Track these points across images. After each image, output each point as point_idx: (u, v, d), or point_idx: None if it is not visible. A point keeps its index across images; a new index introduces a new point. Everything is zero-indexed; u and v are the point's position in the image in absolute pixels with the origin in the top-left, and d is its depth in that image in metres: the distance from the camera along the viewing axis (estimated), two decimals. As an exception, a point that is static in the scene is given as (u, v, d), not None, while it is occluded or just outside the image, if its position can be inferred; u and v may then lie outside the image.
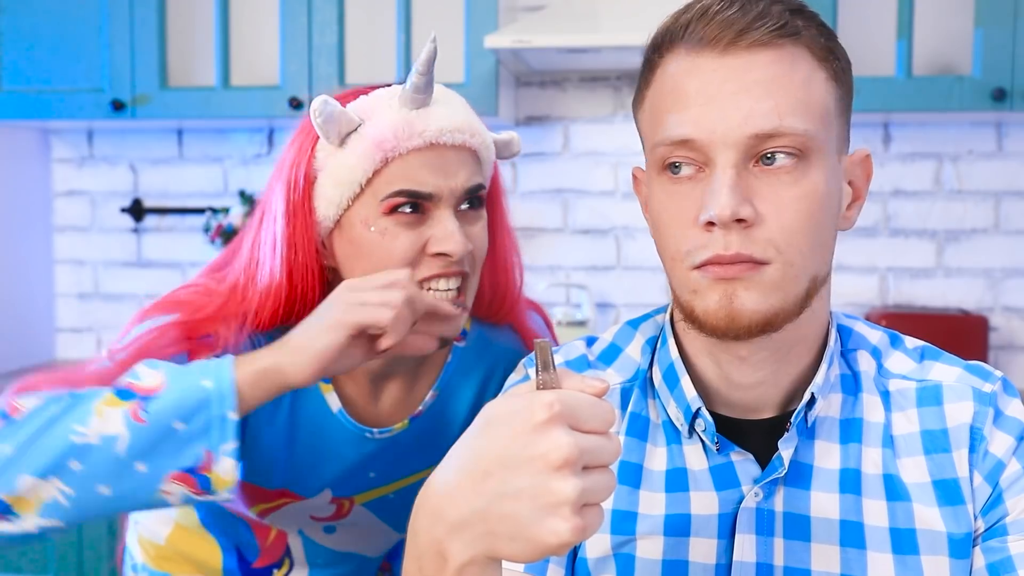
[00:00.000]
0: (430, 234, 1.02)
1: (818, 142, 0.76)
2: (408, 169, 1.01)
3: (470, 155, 1.04)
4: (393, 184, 1.01)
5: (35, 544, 2.13)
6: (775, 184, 0.75)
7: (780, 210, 0.75)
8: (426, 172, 1.01)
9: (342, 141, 1.01)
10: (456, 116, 1.03)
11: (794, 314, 0.77)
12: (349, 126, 1.01)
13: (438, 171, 1.01)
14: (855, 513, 0.80)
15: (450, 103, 1.04)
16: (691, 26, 0.76)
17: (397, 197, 1.00)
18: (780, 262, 0.75)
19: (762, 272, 0.75)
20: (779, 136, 0.74)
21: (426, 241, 1.02)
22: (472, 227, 1.05)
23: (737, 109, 0.74)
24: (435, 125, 1.01)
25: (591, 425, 0.58)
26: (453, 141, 1.02)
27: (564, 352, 0.92)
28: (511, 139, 1.12)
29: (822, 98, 0.77)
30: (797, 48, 0.76)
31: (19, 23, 2.33)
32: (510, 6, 2.40)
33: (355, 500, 1.18)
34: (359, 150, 1.00)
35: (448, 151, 1.02)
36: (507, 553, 0.57)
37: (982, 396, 0.82)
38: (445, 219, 1.02)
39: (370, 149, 1.00)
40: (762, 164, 0.75)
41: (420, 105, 1.01)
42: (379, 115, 1.01)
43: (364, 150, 1.00)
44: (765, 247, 0.75)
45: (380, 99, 1.03)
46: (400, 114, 1.01)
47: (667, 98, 0.77)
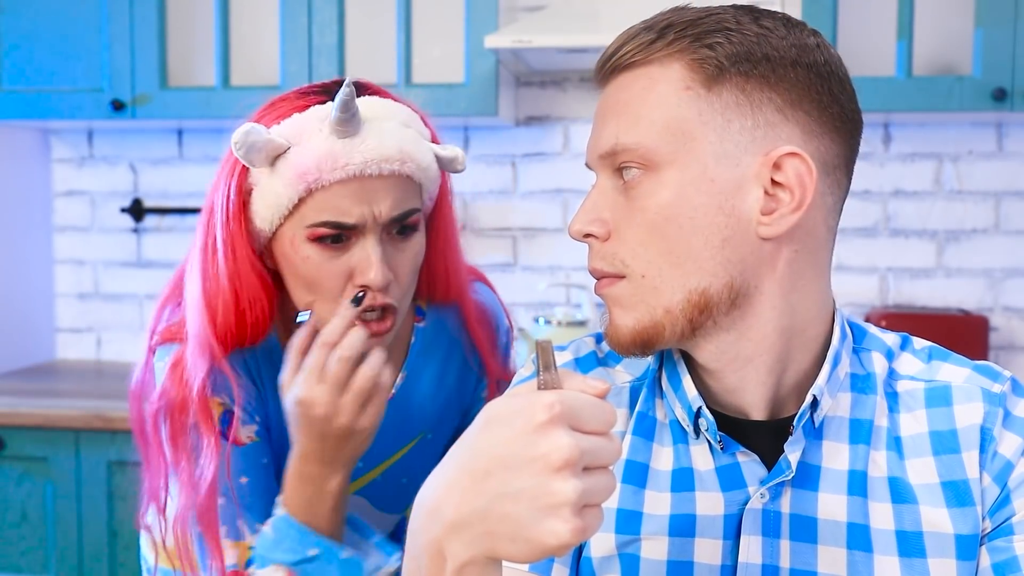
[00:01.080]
0: (354, 263, 1.03)
1: (663, 155, 0.77)
2: (332, 199, 1.01)
3: (400, 182, 1.04)
4: (318, 214, 1.02)
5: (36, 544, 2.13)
6: (629, 197, 0.79)
7: (625, 223, 0.78)
8: (349, 202, 1.01)
9: (272, 162, 1.02)
10: (385, 144, 1.02)
11: (680, 328, 0.78)
12: (276, 151, 1.02)
13: (362, 201, 1.01)
14: (862, 516, 0.80)
15: (383, 126, 1.03)
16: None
17: (321, 228, 1.02)
18: (629, 274, 0.79)
19: (617, 285, 0.80)
20: (619, 153, 0.79)
21: (351, 270, 1.03)
22: (401, 254, 1.06)
23: (598, 133, 0.82)
24: (360, 157, 1.00)
25: (592, 426, 0.58)
26: (380, 171, 1.01)
27: (574, 349, 0.92)
28: (455, 156, 1.11)
29: (677, 111, 0.76)
30: (662, 66, 0.78)
31: (19, 23, 2.33)
32: (510, 6, 2.40)
33: (348, 489, 1.19)
34: (285, 177, 1.01)
35: (374, 180, 1.02)
36: (506, 554, 0.57)
37: (992, 397, 0.81)
38: (368, 247, 1.02)
39: (294, 179, 1.01)
40: (622, 179, 0.79)
41: (347, 136, 1.01)
42: (306, 142, 1.01)
43: (289, 179, 1.01)
44: (612, 260, 0.79)
45: (310, 123, 1.02)
46: (326, 143, 1.00)
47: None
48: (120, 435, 2.07)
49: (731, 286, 0.77)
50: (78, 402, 2.12)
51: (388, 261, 1.04)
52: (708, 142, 0.76)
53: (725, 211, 0.76)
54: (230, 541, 1.05)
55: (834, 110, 0.78)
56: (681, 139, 0.77)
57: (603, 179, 0.82)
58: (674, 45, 0.78)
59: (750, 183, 0.76)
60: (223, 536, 1.05)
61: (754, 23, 0.78)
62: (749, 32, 0.77)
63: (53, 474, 2.10)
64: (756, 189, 0.76)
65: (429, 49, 2.36)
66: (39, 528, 2.12)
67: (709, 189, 0.76)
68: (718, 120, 0.76)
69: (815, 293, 0.81)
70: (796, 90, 0.77)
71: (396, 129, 1.04)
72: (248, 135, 1.00)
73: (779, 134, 0.76)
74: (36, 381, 2.41)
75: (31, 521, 2.12)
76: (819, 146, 0.78)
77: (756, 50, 0.76)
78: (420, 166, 1.05)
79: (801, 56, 0.77)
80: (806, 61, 0.77)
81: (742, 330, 0.79)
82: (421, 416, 1.21)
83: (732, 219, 0.76)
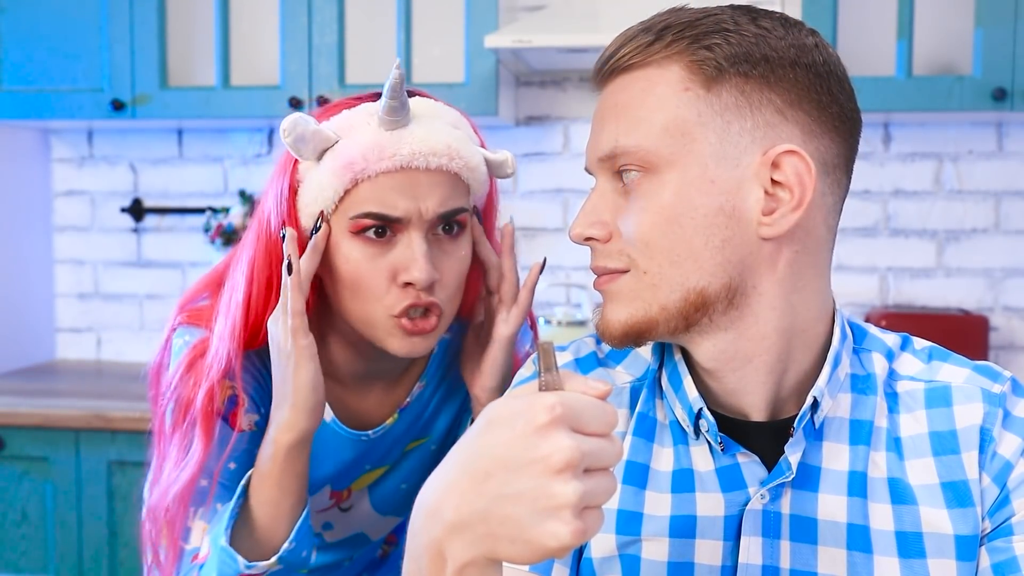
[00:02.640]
0: (397, 260, 1.00)
1: (663, 157, 0.77)
2: (378, 191, 0.99)
3: (447, 178, 1.01)
4: (362, 205, 0.99)
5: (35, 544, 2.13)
6: (631, 198, 0.79)
7: (629, 223, 0.78)
8: (395, 195, 0.99)
9: (319, 157, 1.01)
10: (434, 138, 1.00)
11: (674, 324, 0.78)
12: (325, 143, 1.00)
13: (408, 194, 0.99)
14: (862, 517, 0.80)
15: (432, 123, 1.02)
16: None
17: (364, 219, 1.00)
18: (634, 269, 0.79)
19: (619, 281, 0.80)
20: (618, 156, 0.79)
21: (394, 269, 1.01)
22: (448, 256, 1.03)
23: (596, 136, 0.82)
24: (408, 149, 0.99)
25: (593, 428, 0.58)
26: (427, 165, 0.99)
27: (574, 349, 0.92)
28: (504, 160, 1.09)
29: (676, 113, 0.76)
30: (660, 68, 0.78)
31: (19, 23, 2.33)
32: (510, 6, 2.40)
33: (352, 488, 1.19)
34: (331, 169, 1.00)
35: (421, 174, 1.00)
36: (507, 555, 0.57)
37: (991, 397, 0.81)
38: (413, 244, 1.00)
39: (340, 169, 0.99)
40: (622, 181, 0.80)
41: (395, 127, 0.99)
42: (354, 134, 1.00)
43: (335, 169, 0.99)
44: (619, 256, 0.79)
45: (359, 117, 1.01)
46: (374, 135, 0.99)
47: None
48: (120, 435, 2.07)
49: (729, 286, 0.78)
50: (78, 402, 2.12)
51: (434, 261, 1.01)
52: (708, 143, 0.76)
53: (726, 212, 0.76)
54: (203, 524, 1.03)
55: (833, 110, 0.78)
56: (681, 141, 0.77)
57: (603, 182, 0.82)
58: (672, 47, 0.78)
59: (750, 183, 0.76)
60: (199, 517, 1.03)
61: (752, 24, 0.78)
62: (747, 33, 0.77)
63: (53, 474, 2.10)
64: (756, 189, 0.76)
65: (429, 49, 2.36)
66: (39, 528, 2.12)
67: (709, 190, 0.76)
68: (717, 121, 0.76)
69: (815, 293, 0.81)
70: (795, 90, 0.77)
71: (445, 127, 1.02)
72: (297, 124, 0.98)
73: (779, 134, 0.76)
74: (36, 381, 2.41)
75: (31, 521, 2.12)
76: (819, 146, 0.78)
77: (755, 51, 0.76)
78: (468, 165, 1.03)
79: (800, 56, 0.77)
80: (805, 61, 0.77)
81: (741, 330, 0.79)
82: (431, 424, 1.21)
83: (733, 220, 0.76)
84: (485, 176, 1.08)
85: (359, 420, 1.15)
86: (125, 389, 2.30)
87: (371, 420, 1.15)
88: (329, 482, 1.16)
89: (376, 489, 1.22)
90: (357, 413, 1.15)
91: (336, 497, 1.19)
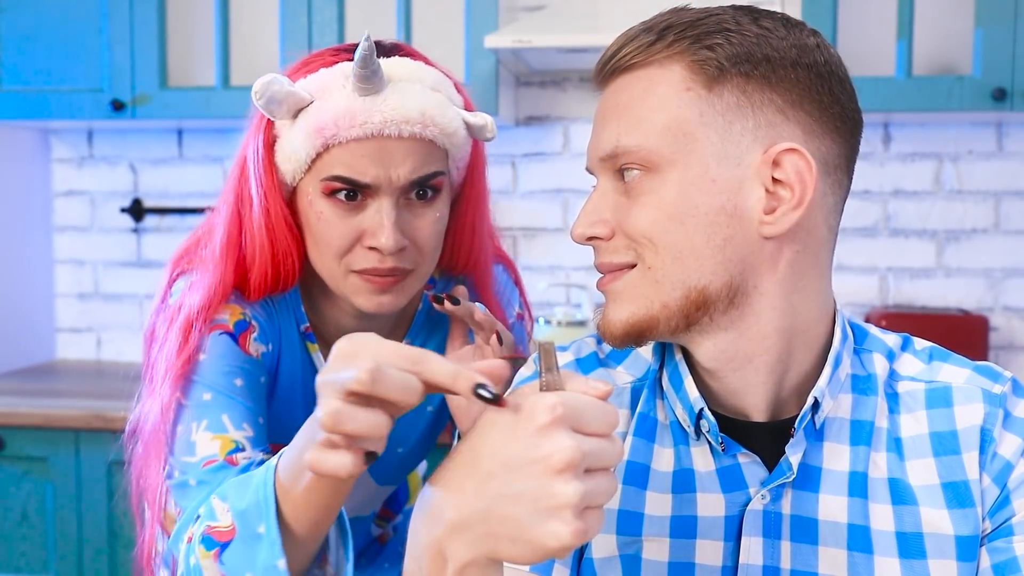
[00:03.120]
0: (366, 224, 1.01)
1: (665, 156, 0.77)
2: (348, 156, 1.00)
3: (421, 145, 1.01)
4: (333, 168, 1.01)
5: (35, 544, 2.13)
6: (633, 197, 0.79)
7: (630, 221, 0.78)
8: (366, 162, 1.00)
9: (294, 116, 1.02)
10: (408, 105, 1.00)
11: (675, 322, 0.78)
12: (298, 104, 1.01)
13: (378, 161, 1.00)
14: (862, 517, 0.80)
15: (408, 88, 1.01)
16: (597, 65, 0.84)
17: (334, 182, 1.01)
18: (640, 263, 0.79)
19: (623, 279, 0.80)
20: (620, 155, 0.79)
21: (362, 231, 1.02)
22: (420, 219, 1.04)
23: (598, 135, 0.82)
24: (379, 117, 0.99)
25: (594, 428, 0.58)
26: (399, 133, 0.99)
27: (575, 349, 0.92)
28: (484, 124, 1.08)
29: (677, 113, 0.77)
30: (662, 68, 0.78)
31: (19, 23, 2.33)
32: (510, 6, 2.40)
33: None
34: (304, 131, 1.00)
35: (393, 142, 1.00)
36: (507, 555, 0.57)
37: (992, 397, 0.81)
38: (383, 209, 1.01)
39: (313, 133, 1.00)
40: (623, 181, 0.80)
41: (368, 93, 0.99)
42: (328, 96, 1.00)
43: (308, 133, 1.00)
44: (625, 251, 0.79)
45: (335, 79, 1.01)
46: (347, 100, 0.99)
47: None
48: (120, 435, 2.06)
49: (730, 285, 0.78)
50: (78, 402, 2.12)
51: (405, 226, 1.02)
52: (709, 143, 0.76)
53: (727, 210, 0.76)
54: (210, 434, 0.99)
55: (835, 110, 0.78)
56: (682, 140, 0.77)
57: (604, 181, 0.82)
58: (674, 46, 0.78)
59: (751, 182, 0.77)
60: (204, 428, 0.99)
61: (754, 24, 0.78)
62: (749, 33, 0.77)
63: (53, 474, 2.10)
64: (757, 188, 0.77)
65: (429, 49, 2.34)
66: (39, 528, 2.12)
67: (711, 189, 0.76)
68: (719, 121, 0.76)
69: (816, 293, 0.81)
70: (797, 90, 0.77)
71: (421, 91, 1.02)
72: (269, 86, 0.99)
73: (780, 134, 0.76)
74: (36, 381, 2.41)
75: (31, 521, 2.12)
76: (820, 146, 0.78)
77: (756, 51, 0.76)
78: (444, 131, 1.03)
79: (801, 56, 0.77)
80: (806, 61, 0.77)
81: (741, 329, 0.79)
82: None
83: (734, 218, 0.77)
84: (464, 139, 1.07)
85: None
86: (125, 389, 2.29)
87: None
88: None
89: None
90: None
91: None
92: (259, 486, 0.85)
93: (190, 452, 0.99)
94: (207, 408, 1.00)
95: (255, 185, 1.05)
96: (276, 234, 1.05)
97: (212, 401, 1.00)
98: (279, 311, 1.12)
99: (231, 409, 1.00)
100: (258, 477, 0.86)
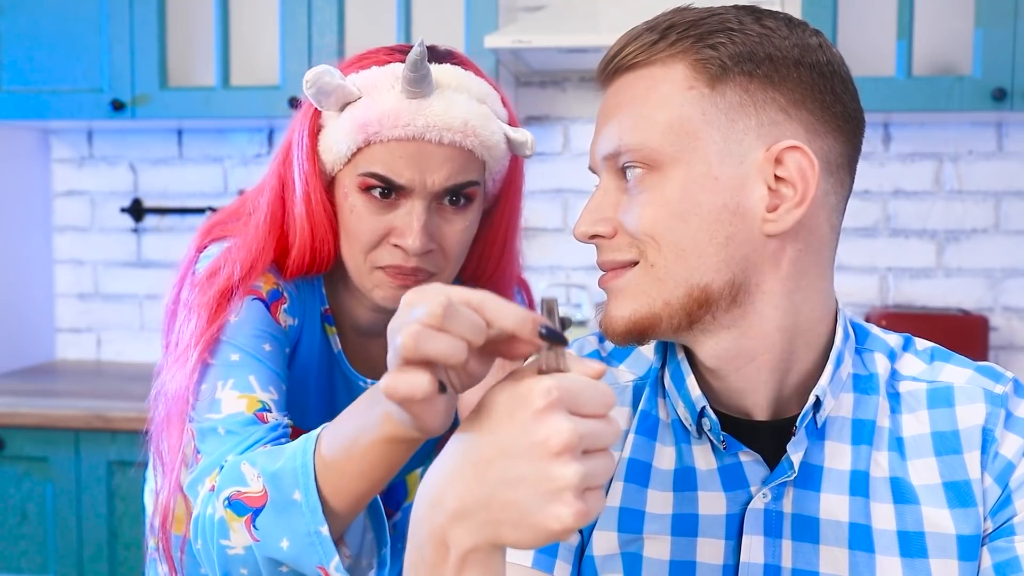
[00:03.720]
0: (396, 223, 1.03)
1: (668, 155, 0.77)
2: (387, 155, 1.02)
3: (459, 153, 1.03)
4: (371, 165, 1.03)
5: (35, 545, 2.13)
6: (634, 195, 0.79)
7: (633, 219, 0.79)
8: (403, 163, 1.02)
9: (341, 108, 1.04)
10: (451, 113, 1.02)
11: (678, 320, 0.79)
12: (347, 98, 1.03)
13: (416, 165, 1.02)
14: (864, 516, 0.80)
15: (455, 97, 1.03)
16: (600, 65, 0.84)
17: (370, 179, 1.03)
18: (643, 261, 0.79)
19: (625, 276, 0.80)
20: (622, 153, 0.79)
21: (391, 229, 1.04)
22: (450, 225, 1.06)
23: (600, 134, 0.82)
24: (423, 121, 1.01)
25: (590, 409, 0.58)
26: (440, 139, 1.01)
27: (577, 347, 0.92)
28: (525, 141, 1.10)
29: (681, 111, 0.77)
30: (665, 67, 0.78)
31: (19, 23, 2.33)
32: (510, 6, 2.40)
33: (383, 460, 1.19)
34: (348, 125, 1.03)
35: (432, 147, 1.02)
36: (510, 540, 0.57)
37: (993, 397, 0.81)
38: (414, 211, 1.03)
39: (356, 128, 1.02)
40: (626, 179, 0.80)
41: (416, 96, 1.01)
42: (376, 95, 1.02)
43: (351, 127, 1.02)
44: (628, 248, 0.79)
45: (385, 79, 1.03)
46: (394, 101, 1.01)
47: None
48: (120, 435, 2.07)
49: (733, 283, 0.78)
50: (78, 402, 2.12)
51: (433, 230, 1.04)
52: (712, 141, 0.77)
53: (730, 208, 0.77)
54: (236, 393, 0.99)
55: (837, 109, 0.78)
56: (685, 138, 0.77)
57: (607, 180, 0.82)
58: (677, 45, 0.78)
59: (754, 180, 0.77)
60: (230, 387, 0.98)
61: (756, 23, 0.78)
62: (752, 32, 0.77)
63: (53, 474, 2.10)
64: (760, 186, 0.77)
65: (429, 49, 2.36)
66: (39, 528, 2.12)
67: (714, 187, 0.76)
68: (722, 120, 0.76)
69: (818, 293, 0.81)
70: (799, 89, 0.77)
71: (466, 101, 1.04)
72: (320, 76, 1.01)
73: (783, 132, 0.77)
74: (36, 381, 2.41)
75: (31, 521, 2.12)
76: (822, 145, 0.78)
77: (759, 50, 0.77)
78: (484, 143, 1.04)
79: (804, 56, 0.77)
80: (809, 61, 0.77)
81: (744, 328, 0.79)
82: None
83: (737, 216, 0.77)
84: (503, 153, 1.09)
85: (362, 370, 1.18)
86: (125, 389, 2.30)
87: (373, 374, 1.18)
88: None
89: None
90: (361, 363, 1.18)
91: None
92: (296, 454, 0.86)
93: (215, 409, 0.98)
94: (234, 368, 1.00)
95: (298, 170, 1.07)
96: (316, 219, 1.07)
97: (240, 362, 1.01)
98: (305, 291, 1.14)
99: (258, 371, 1.01)
100: (294, 446, 0.87)
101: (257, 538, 0.86)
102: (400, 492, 1.47)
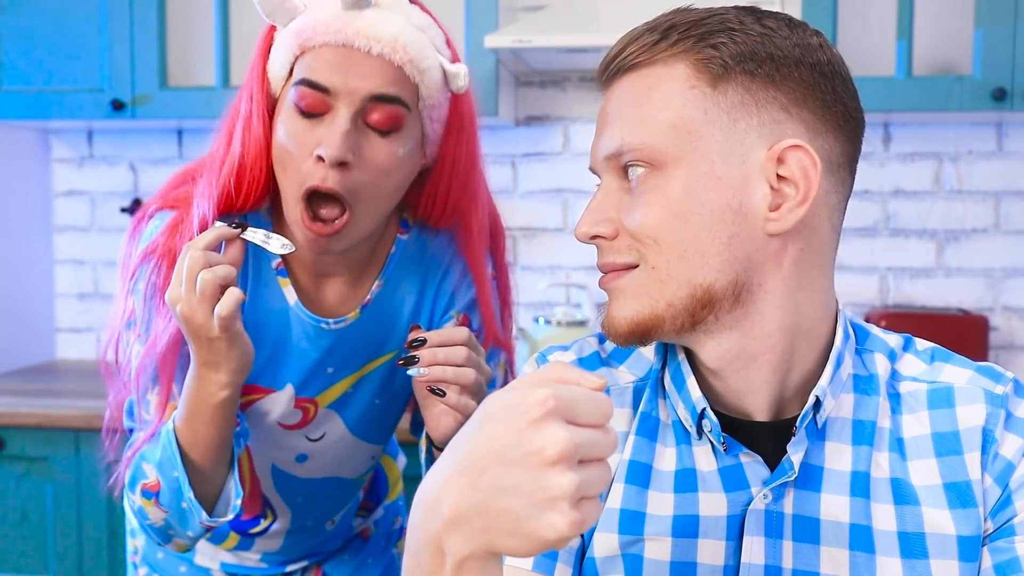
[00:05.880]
0: (320, 136, 1.03)
1: (670, 154, 0.77)
2: (315, 61, 1.03)
3: (388, 68, 1.04)
4: (300, 73, 1.04)
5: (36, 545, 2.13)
6: (636, 195, 0.79)
7: (635, 219, 0.78)
8: (329, 68, 1.03)
9: (287, 24, 1.06)
10: (385, 28, 1.03)
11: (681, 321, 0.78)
12: (292, 12, 1.05)
13: (342, 70, 1.03)
14: (864, 517, 0.80)
15: (391, 16, 1.04)
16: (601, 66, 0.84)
17: (298, 86, 1.04)
18: (643, 263, 0.79)
19: (626, 277, 0.80)
20: (624, 153, 0.79)
21: (317, 145, 1.03)
22: (373, 147, 1.05)
23: (602, 134, 0.82)
24: (352, 28, 1.02)
25: (587, 419, 0.58)
26: (368, 48, 1.03)
27: (577, 349, 0.92)
28: (458, 72, 1.10)
29: (683, 111, 0.77)
30: (666, 67, 0.79)
31: (19, 23, 2.33)
32: (510, 6, 2.40)
33: (318, 402, 1.20)
34: (287, 36, 1.05)
35: (361, 55, 1.03)
36: (505, 548, 0.57)
37: (994, 398, 0.81)
38: (336, 120, 1.03)
39: (292, 36, 1.04)
40: (627, 179, 0.80)
41: (352, 8, 1.03)
42: (318, 7, 1.04)
43: (288, 37, 1.05)
44: (628, 251, 0.79)
45: None
46: (331, 10, 1.03)
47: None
48: (120, 435, 2.06)
49: (735, 283, 0.78)
50: (78, 402, 2.12)
51: (355, 146, 1.03)
52: (714, 140, 0.77)
53: (732, 208, 0.77)
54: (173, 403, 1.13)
55: (837, 109, 0.79)
56: (687, 138, 0.77)
57: (608, 180, 0.82)
58: (678, 46, 0.78)
59: (756, 179, 0.77)
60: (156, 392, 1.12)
61: (757, 23, 0.78)
62: (753, 32, 0.77)
63: (53, 474, 2.10)
64: (762, 185, 0.77)
65: (429, 49, 2.35)
66: (39, 528, 2.12)
67: (716, 186, 0.77)
68: (724, 119, 0.77)
69: (819, 292, 0.81)
70: (800, 89, 0.77)
71: (403, 23, 1.05)
72: None
73: (784, 131, 0.77)
74: (36, 381, 2.41)
75: (31, 521, 2.12)
76: (823, 144, 0.78)
77: (760, 50, 0.77)
78: (415, 63, 1.05)
79: (805, 56, 0.77)
80: (810, 61, 0.78)
81: (746, 328, 0.80)
82: (396, 332, 1.21)
83: (739, 216, 0.77)
84: (439, 85, 1.09)
85: (322, 312, 1.18)
86: (125, 389, 2.29)
87: (334, 314, 1.18)
88: (292, 382, 1.18)
89: (347, 406, 1.22)
90: (320, 305, 1.18)
91: (303, 410, 1.20)
92: (165, 444, 1.08)
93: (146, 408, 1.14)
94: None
95: (246, 95, 1.10)
96: (249, 139, 1.08)
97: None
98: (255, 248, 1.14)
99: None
100: (163, 436, 1.09)
101: (165, 511, 1.11)
102: (382, 488, 1.47)
